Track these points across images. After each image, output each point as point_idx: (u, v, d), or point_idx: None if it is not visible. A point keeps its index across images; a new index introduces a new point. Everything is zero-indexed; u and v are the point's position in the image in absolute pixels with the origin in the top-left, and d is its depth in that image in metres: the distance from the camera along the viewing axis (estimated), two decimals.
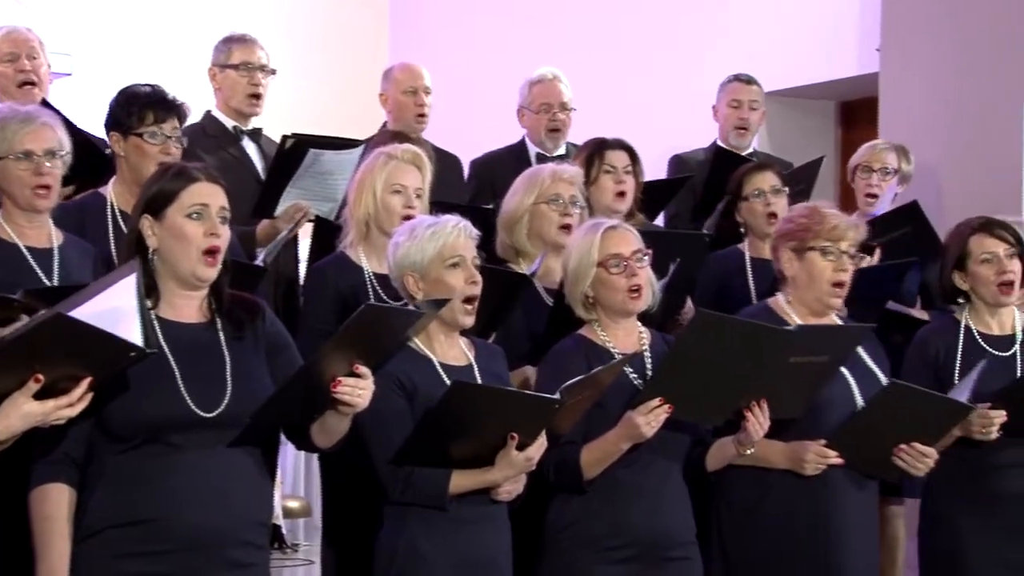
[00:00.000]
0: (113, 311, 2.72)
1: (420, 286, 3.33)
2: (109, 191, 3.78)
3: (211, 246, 2.91)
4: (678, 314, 4.25)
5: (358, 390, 2.85)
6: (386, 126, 5.30)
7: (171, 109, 3.74)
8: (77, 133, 3.77)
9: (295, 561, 5.93)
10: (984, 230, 3.92)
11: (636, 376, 3.45)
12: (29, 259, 3.40)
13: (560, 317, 3.61)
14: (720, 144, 5.45)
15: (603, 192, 4.40)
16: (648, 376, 3.44)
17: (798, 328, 3.48)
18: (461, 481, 3.20)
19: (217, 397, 2.88)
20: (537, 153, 5.28)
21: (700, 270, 4.33)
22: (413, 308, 3.24)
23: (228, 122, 4.74)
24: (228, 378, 2.91)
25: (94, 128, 4.02)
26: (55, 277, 3.39)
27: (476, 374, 3.34)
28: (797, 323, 3.62)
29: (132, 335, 2.70)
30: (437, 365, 3.31)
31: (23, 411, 2.63)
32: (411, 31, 8.65)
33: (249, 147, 4.74)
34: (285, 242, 4.20)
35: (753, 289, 4.39)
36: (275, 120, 4.92)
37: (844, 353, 3.53)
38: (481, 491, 3.24)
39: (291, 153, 4.19)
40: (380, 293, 3.78)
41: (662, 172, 5.48)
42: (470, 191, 5.25)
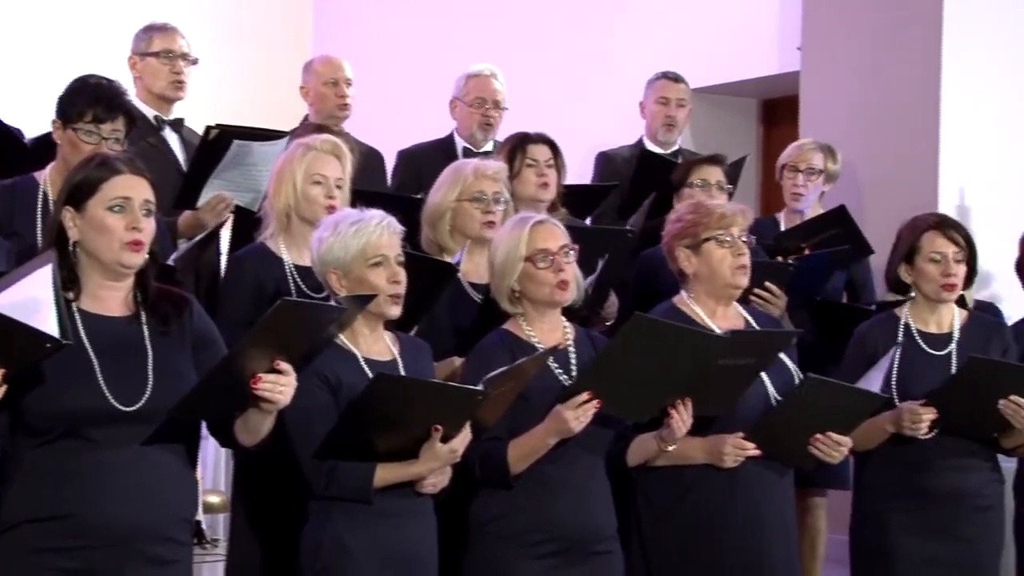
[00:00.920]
0: (28, 302, 2.68)
1: (343, 283, 3.32)
2: (45, 176, 3.73)
3: (133, 239, 2.87)
4: (602, 308, 4.27)
5: (279, 386, 2.83)
6: (308, 119, 5.28)
7: (116, 110, 3.69)
8: None
9: (215, 556, 5.86)
10: (939, 229, 3.96)
11: (560, 371, 3.46)
12: None
13: (490, 312, 3.61)
14: (647, 141, 5.49)
15: (526, 185, 4.44)
16: (572, 371, 3.46)
17: (728, 333, 3.51)
18: (385, 474, 3.19)
19: (138, 391, 2.84)
20: (464, 147, 5.28)
21: (626, 266, 4.35)
22: (334, 303, 3.21)
23: (149, 111, 4.68)
24: (150, 372, 2.87)
25: (13, 116, 3.95)
26: None
27: (400, 369, 3.32)
28: (704, 318, 3.66)
29: (48, 326, 2.66)
30: (361, 360, 3.29)
31: None
32: (334, 22, 8.61)
33: (170, 137, 4.69)
34: (204, 249, 4.15)
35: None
36: (197, 111, 4.87)
37: (771, 356, 3.58)
38: (406, 484, 3.23)
39: (215, 144, 4.15)
40: (301, 285, 3.76)
41: (587, 169, 5.51)
42: (395, 183, 5.25)
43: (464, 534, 3.44)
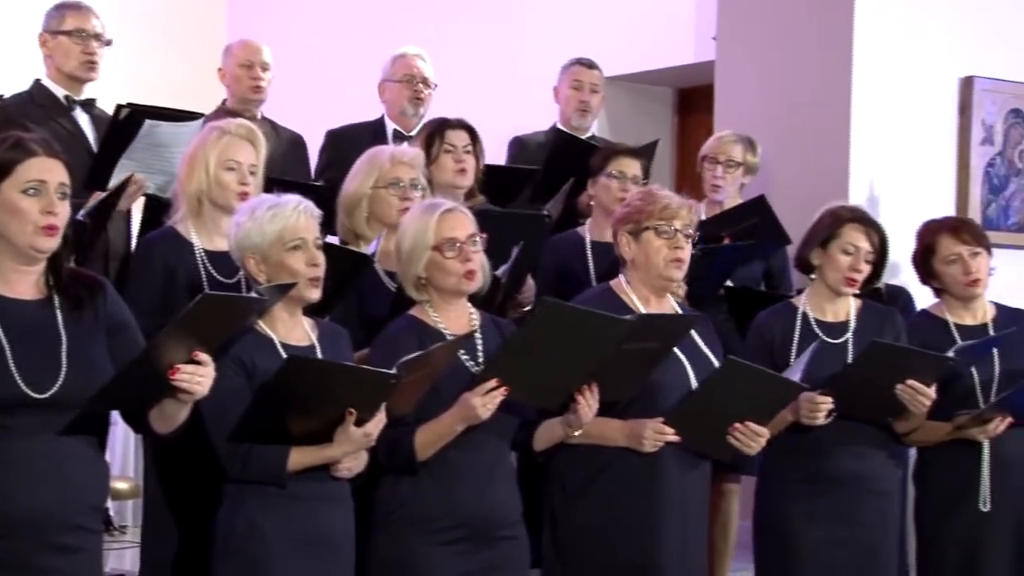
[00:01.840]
0: None
1: (262, 268, 3.29)
2: None
3: (48, 223, 2.82)
4: (518, 292, 4.28)
5: (197, 377, 2.80)
6: (226, 103, 5.24)
7: None
8: None
9: (123, 544, 5.80)
10: (860, 224, 4.04)
11: (468, 358, 3.46)
12: None
13: (404, 299, 3.60)
14: (560, 127, 5.51)
15: (444, 171, 4.42)
16: (480, 358, 3.46)
17: (636, 318, 3.53)
18: (300, 458, 3.18)
19: (51, 378, 2.80)
20: (395, 130, 5.27)
21: (541, 250, 4.37)
22: (255, 294, 3.19)
23: (59, 91, 4.60)
24: (63, 358, 2.82)
25: None
26: None
27: (318, 354, 3.31)
28: (637, 304, 3.69)
29: None
30: (278, 346, 3.27)
31: None
32: (249, 4, 8.52)
33: (81, 118, 4.61)
34: (113, 207, 4.08)
35: (593, 272, 4.44)
36: (110, 92, 4.78)
37: (675, 340, 3.61)
38: (322, 468, 3.22)
39: (125, 123, 4.09)
40: (212, 271, 3.73)
41: (502, 154, 5.51)
42: (323, 162, 5.21)
43: (371, 519, 3.43)
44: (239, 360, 3.19)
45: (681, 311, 3.82)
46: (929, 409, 3.94)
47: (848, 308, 4.08)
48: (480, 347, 3.49)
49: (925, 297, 4.50)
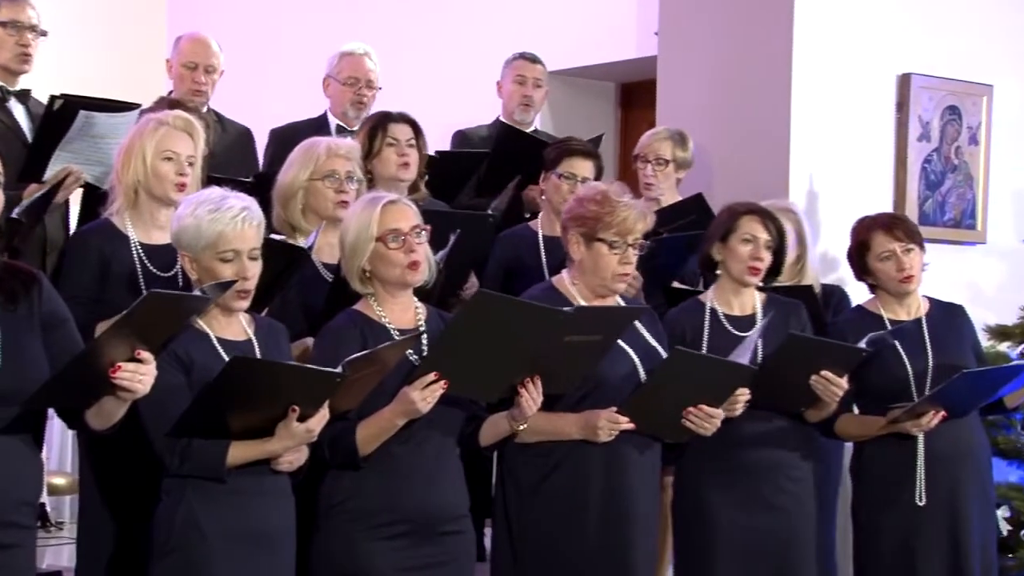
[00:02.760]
0: None
1: (194, 267, 3.27)
2: None
3: None
4: (460, 290, 4.27)
5: (139, 376, 2.78)
6: (171, 93, 5.18)
7: None
8: None
9: (60, 540, 5.74)
10: (756, 215, 4.10)
11: (412, 352, 3.45)
12: None
13: (339, 292, 3.58)
14: (504, 121, 5.51)
15: (386, 164, 4.40)
16: (423, 352, 3.45)
17: (575, 309, 3.54)
18: (239, 452, 3.16)
19: None
20: (338, 125, 5.25)
21: (486, 249, 4.36)
22: (199, 291, 3.16)
23: None
24: None
25: None
26: None
27: (256, 350, 3.29)
28: (580, 302, 3.69)
29: None
30: (215, 341, 3.25)
31: None
32: None
33: (16, 109, 4.56)
34: (49, 203, 4.04)
35: (546, 266, 4.44)
36: (46, 84, 4.72)
37: (618, 332, 3.62)
38: (262, 463, 3.20)
39: (60, 114, 4.05)
40: (147, 264, 3.70)
41: (445, 147, 5.50)
42: (266, 160, 5.18)
43: (314, 515, 3.42)
44: (176, 355, 3.17)
45: (624, 304, 3.83)
46: (841, 400, 4.00)
47: (754, 301, 4.13)
48: (425, 341, 3.48)
49: (862, 293, 4.54)
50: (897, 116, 5.66)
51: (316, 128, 5.17)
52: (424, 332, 3.48)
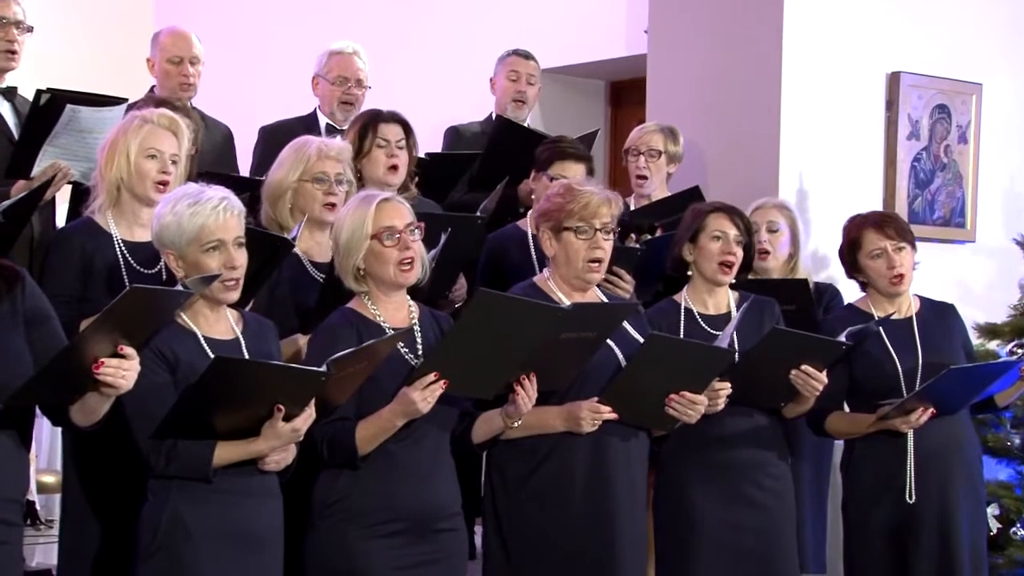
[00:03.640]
0: None
1: (180, 264, 3.25)
2: None
3: None
4: (449, 291, 4.26)
5: (121, 371, 2.77)
6: (154, 90, 5.15)
7: None
8: None
9: (49, 537, 5.72)
10: (723, 212, 4.11)
11: (407, 351, 3.45)
12: None
13: (332, 290, 3.57)
14: (499, 116, 5.49)
15: (375, 165, 4.37)
16: (419, 351, 3.45)
17: (571, 307, 3.55)
18: (225, 452, 3.15)
19: None
20: (327, 124, 5.23)
21: (476, 251, 4.35)
22: (181, 286, 3.15)
23: None
24: None
25: None
26: None
27: (243, 348, 3.28)
28: (562, 299, 3.70)
29: None
30: (201, 339, 3.24)
31: None
32: None
33: (3, 106, 4.53)
34: (38, 201, 4.02)
35: (537, 265, 4.42)
36: (32, 81, 4.70)
37: (611, 328, 3.63)
38: (249, 463, 3.20)
39: (47, 109, 4.02)
40: (130, 261, 3.68)
41: (438, 145, 5.49)
42: (256, 159, 5.15)
43: (307, 514, 3.41)
44: (161, 353, 3.15)
45: (607, 300, 3.83)
46: (830, 396, 4.02)
47: (727, 300, 4.13)
48: (419, 340, 3.48)
49: (855, 292, 4.54)
50: (887, 114, 5.67)
51: (306, 126, 5.15)
52: (416, 328, 3.47)
